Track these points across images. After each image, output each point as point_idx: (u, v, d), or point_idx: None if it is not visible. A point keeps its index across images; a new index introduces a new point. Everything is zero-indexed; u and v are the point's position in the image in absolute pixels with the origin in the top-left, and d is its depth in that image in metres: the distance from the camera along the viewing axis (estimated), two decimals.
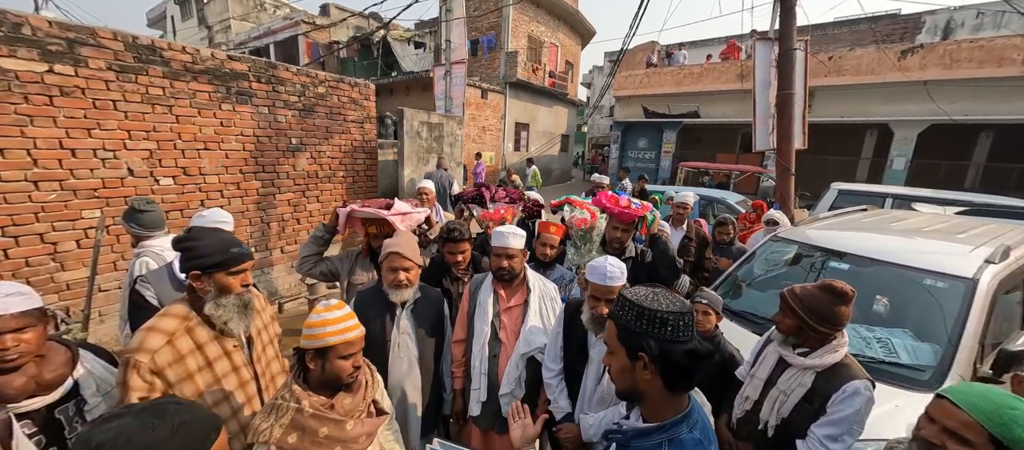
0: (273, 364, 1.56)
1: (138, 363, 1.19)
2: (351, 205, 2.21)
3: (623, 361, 0.91)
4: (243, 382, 1.39)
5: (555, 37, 16.17)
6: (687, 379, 0.88)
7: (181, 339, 1.28)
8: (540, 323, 1.86)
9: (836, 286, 1.40)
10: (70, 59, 3.03)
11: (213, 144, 3.93)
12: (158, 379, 1.21)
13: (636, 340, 0.88)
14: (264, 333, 1.54)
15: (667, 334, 0.85)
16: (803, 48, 4.80)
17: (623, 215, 2.39)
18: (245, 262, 1.36)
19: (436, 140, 6.69)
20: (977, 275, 2.00)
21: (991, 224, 2.88)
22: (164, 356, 1.23)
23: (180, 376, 1.25)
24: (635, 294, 0.92)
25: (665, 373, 0.86)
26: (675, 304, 0.88)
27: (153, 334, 1.25)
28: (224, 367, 1.35)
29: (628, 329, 0.90)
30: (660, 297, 0.90)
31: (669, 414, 0.90)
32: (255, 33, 17.32)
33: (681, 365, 0.85)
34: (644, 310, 0.87)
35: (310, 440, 1.10)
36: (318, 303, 1.21)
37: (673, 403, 0.90)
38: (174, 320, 1.30)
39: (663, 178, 13.74)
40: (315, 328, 1.13)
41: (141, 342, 1.23)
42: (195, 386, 1.28)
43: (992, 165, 10.74)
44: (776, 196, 5.09)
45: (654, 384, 0.88)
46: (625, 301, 0.91)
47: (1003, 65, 8.80)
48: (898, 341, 1.98)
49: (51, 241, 3.11)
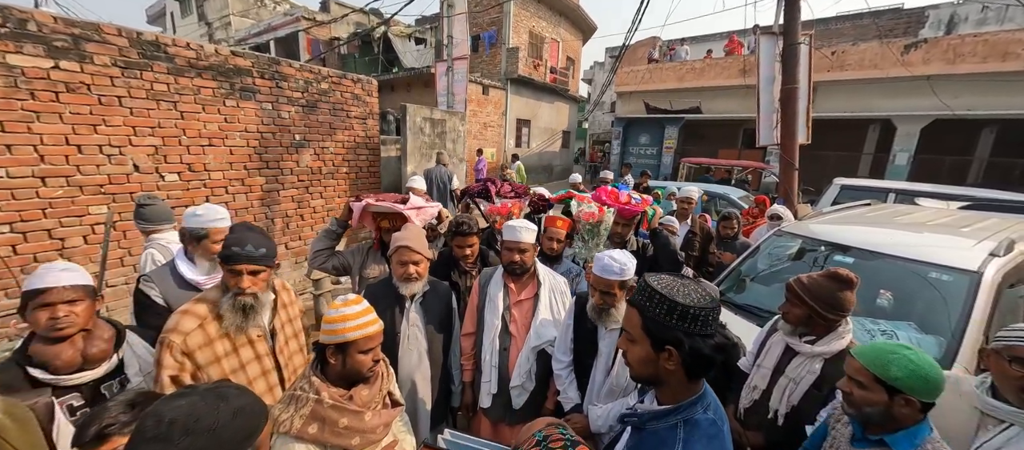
0: (296, 358, 1.60)
1: (171, 343, 1.25)
2: (367, 199, 2.20)
3: (647, 351, 0.90)
4: (265, 371, 1.44)
5: (556, 33, 16.11)
6: (709, 369, 0.88)
7: (211, 324, 1.33)
8: (550, 316, 1.88)
9: (841, 273, 1.44)
10: (76, 55, 3.04)
11: (217, 140, 3.94)
12: (188, 360, 1.27)
13: (664, 332, 0.86)
14: (289, 326, 1.58)
15: (697, 329, 0.84)
16: (807, 43, 4.79)
17: (624, 211, 2.41)
18: (239, 263, 1.35)
19: (438, 136, 6.69)
20: (981, 268, 2.01)
21: (995, 218, 2.88)
22: (195, 338, 1.29)
23: (208, 359, 1.31)
24: (663, 285, 0.89)
25: (690, 364, 0.87)
26: (704, 299, 0.87)
27: (187, 316, 1.31)
28: (248, 355, 1.40)
29: (656, 321, 0.87)
30: (689, 289, 0.88)
31: (684, 396, 0.92)
32: (255, 29, 17.24)
33: (708, 358, 0.85)
34: (676, 305, 0.85)
35: (330, 431, 1.12)
36: (336, 298, 1.22)
37: (689, 387, 0.92)
38: (206, 305, 1.36)
39: (665, 174, 13.71)
40: (335, 323, 1.14)
41: (176, 324, 1.29)
42: (221, 370, 1.33)
43: (996, 160, 10.71)
44: (780, 191, 5.09)
45: (676, 373, 0.89)
46: (653, 292, 0.88)
47: (1007, 60, 8.76)
48: (903, 334, 2.00)
49: (59, 237, 3.13)
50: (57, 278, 1.17)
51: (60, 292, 1.16)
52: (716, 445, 0.87)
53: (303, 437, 1.10)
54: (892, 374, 1.04)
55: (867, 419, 1.12)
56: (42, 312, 1.15)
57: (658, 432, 0.92)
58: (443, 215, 2.55)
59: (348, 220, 2.25)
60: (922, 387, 1.03)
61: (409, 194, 2.35)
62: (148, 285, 1.65)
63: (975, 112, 9.43)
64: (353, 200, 2.25)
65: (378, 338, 1.20)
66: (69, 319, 1.16)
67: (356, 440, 1.15)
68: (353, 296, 1.20)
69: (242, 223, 1.46)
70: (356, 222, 2.26)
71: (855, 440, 1.18)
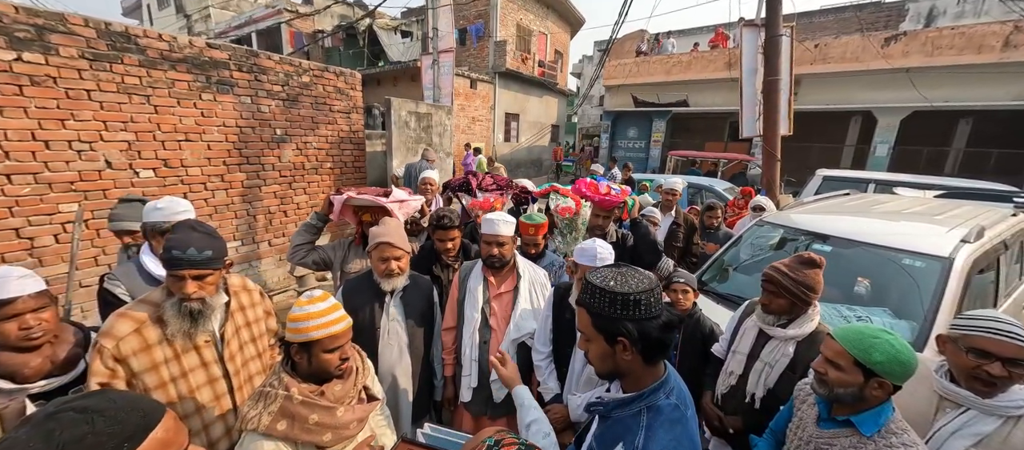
0: (251, 364, 1.48)
1: (102, 348, 1.18)
2: (347, 192, 2.16)
3: (602, 347, 0.92)
4: (211, 379, 1.35)
5: (544, 25, 16.02)
6: (663, 349, 0.90)
7: (150, 328, 1.24)
8: (530, 308, 1.87)
9: (806, 256, 1.51)
10: (40, 47, 2.92)
11: (194, 135, 3.84)
12: (121, 367, 1.19)
13: (613, 325, 0.89)
14: (244, 331, 1.47)
15: (642, 314, 0.86)
16: (789, 34, 4.84)
17: (603, 202, 2.42)
18: (181, 268, 1.22)
19: (425, 130, 6.62)
20: (953, 254, 2.06)
21: (968, 206, 2.96)
22: (129, 344, 1.21)
23: (144, 366, 1.23)
24: (601, 279, 0.91)
25: (644, 350, 0.88)
26: (642, 282, 0.89)
27: (123, 320, 1.23)
28: (192, 361, 1.31)
29: (602, 316, 0.90)
30: (626, 276, 0.91)
31: (647, 383, 0.93)
32: (236, 22, 16.80)
33: (658, 339, 0.87)
34: (616, 295, 0.87)
35: (300, 427, 1.09)
36: (302, 295, 1.18)
37: (651, 373, 0.93)
38: (147, 308, 1.27)
39: (653, 167, 13.82)
40: (298, 321, 1.10)
41: (110, 327, 1.21)
42: (159, 377, 1.24)
43: (971, 150, 11.02)
44: (762, 182, 5.16)
45: (634, 362, 0.91)
46: (594, 288, 0.91)
47: (982, 52, 8.98)
48: (877, 319, 2.04)
49: (28, 236, 3.02)
50: (21, 286, 1.13)
51: (26, 302, 1.13)
52: (678, 429, 0.88)
53: (272, 434, 1.07)
54: (874, 358, 1.05)
55: (837, 399, 1.14)
56: (10, 324, 1.11)
57: (623, 419, 0.93)
58: (425, 210, 2.52)
59: (329, 214, 2.21)
60: (899, 372, 1.04)
61: (392, 188, 2.31)
62: (113, 283, 1.60)
63: (952, 103, 9.66)
64: (333, 193, 2.21)
65: (345, 336, 1.16)
66: (41, 327, 1.14)
67: (328, 436, 1.13)
68: (318, 293, 1.15)
69: (186, 222, 1.33)
70: (337, 216, 2.22)
71: (821, 420, 1.20)
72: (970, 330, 1.17)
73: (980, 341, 1.13)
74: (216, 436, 1.35)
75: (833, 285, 2.38)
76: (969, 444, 1.13)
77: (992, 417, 1.12)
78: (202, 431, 1.32)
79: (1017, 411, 1.10)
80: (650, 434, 0.87)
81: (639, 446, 0.86)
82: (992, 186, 5.22)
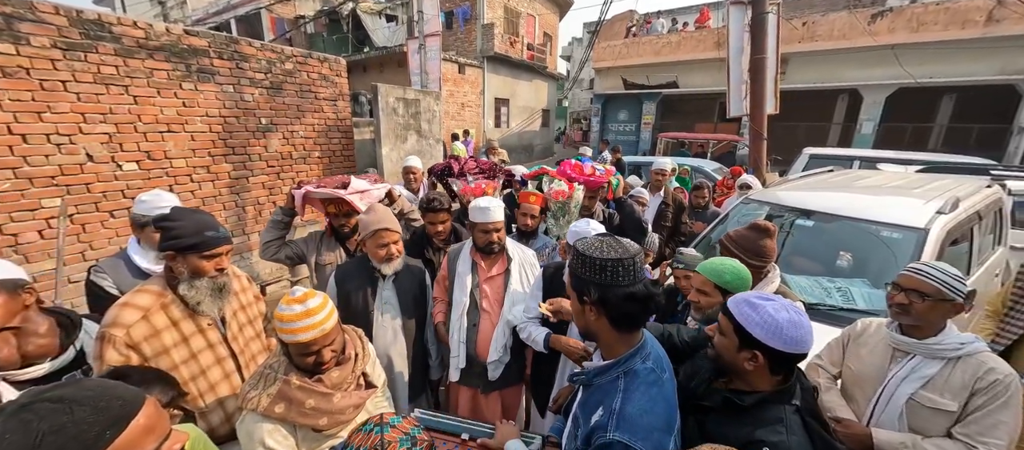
0: (252, 344, 1.56)
1: (113, 337, 1.20)
2: (306, 186, 2.15)
3: (575, 304, 1.01)
4: (220, 359, 1.41)
5: (532, 7, 15.75)
6: (631, 319, 0.95)
7: (156, 315, 1.28)
8: (522, 289, 1.90)
9: (760, 224, 1.64)
10: (9, 36, 2.81)
11: (177, 126, 3.76)
12: (134, 353, 1.23)
13: (581, 285, 0.95)
14: (241, 314, 1.53)
15: (606, 280, 0.91)
16: (776, 12, 4.83)
17: (589, 183, 2.45)
18: (219, 246, 1.34)
19: (413, 117, 6.54)
20: (928, 225, 2.13)
21: (947, 180, 3.04)
22: (139, 330, 1.24)
23: (156, 350, 1.26)
24: (584, 244, 0.98)
25: (610, 314, 0.94)
26: (616, 251, 0.93)
27: (127, 309, 1.25)
28: (199, 343, 1.36)
29: (576, 276, 0.97)
30: (605, 245, 0.95)
31: (620, 351, 0.97)
32: (214, 8, 16.25)
33: (621, 307, 0.92)
34: (587, 258, 0.94)
35: (297, 411, 1.12)
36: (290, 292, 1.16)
37: (625, 340, 0.98)
38: (149, 296, 1.30)
39: (643, 150, 13.85)
40: (284, 322, 1.09)
41: (115, 317, 1.23)
42: (171, 360, 1.29)
43: (954, 126, 11.21)
44: (750, 161, 5.22)
45: (601, 324, 0.96)
46: (577, 252, 0.98)
47: (966, 27, 9.07)
48: (856, 290, 2.12)
49: (11, 233, 2.96)
50: None
51: None
52: (655, 391, 0.92)
53: (270, 416, 1.10)
54: (726, 279, 1.42)
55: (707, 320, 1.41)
56: None
57: (602, 386, 0.98)
58: (393, 194, 2.51)
59: (293, 208, 2.20)
60: (741, 285, 1.41)
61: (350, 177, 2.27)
62: (100, 276, 1.60)
63: (936, 80, 9.79)
64: (294, 188, 2.20)
65: (332, 335, 1.15)
66: None
67: (324, 420, 1.16)
68: (300, 291, 1.13)
69: (180, 209, 1.40)
70: (302, 210, 2.21)
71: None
72: (902, 271, 1.34)
73: (900, 278, 1.33)
74: (231, 410, 1.42)
75: (816, 259, 2.46)
76: (917, 386, 1.25)
77: (935, 360, 1.24)
78: (218, 406, 1.39)
79: (955, 352, 1.22)
80: (627, 396, 0.91)
81: (617, 408, 0.90)
82: (971, 160, 5.36)
